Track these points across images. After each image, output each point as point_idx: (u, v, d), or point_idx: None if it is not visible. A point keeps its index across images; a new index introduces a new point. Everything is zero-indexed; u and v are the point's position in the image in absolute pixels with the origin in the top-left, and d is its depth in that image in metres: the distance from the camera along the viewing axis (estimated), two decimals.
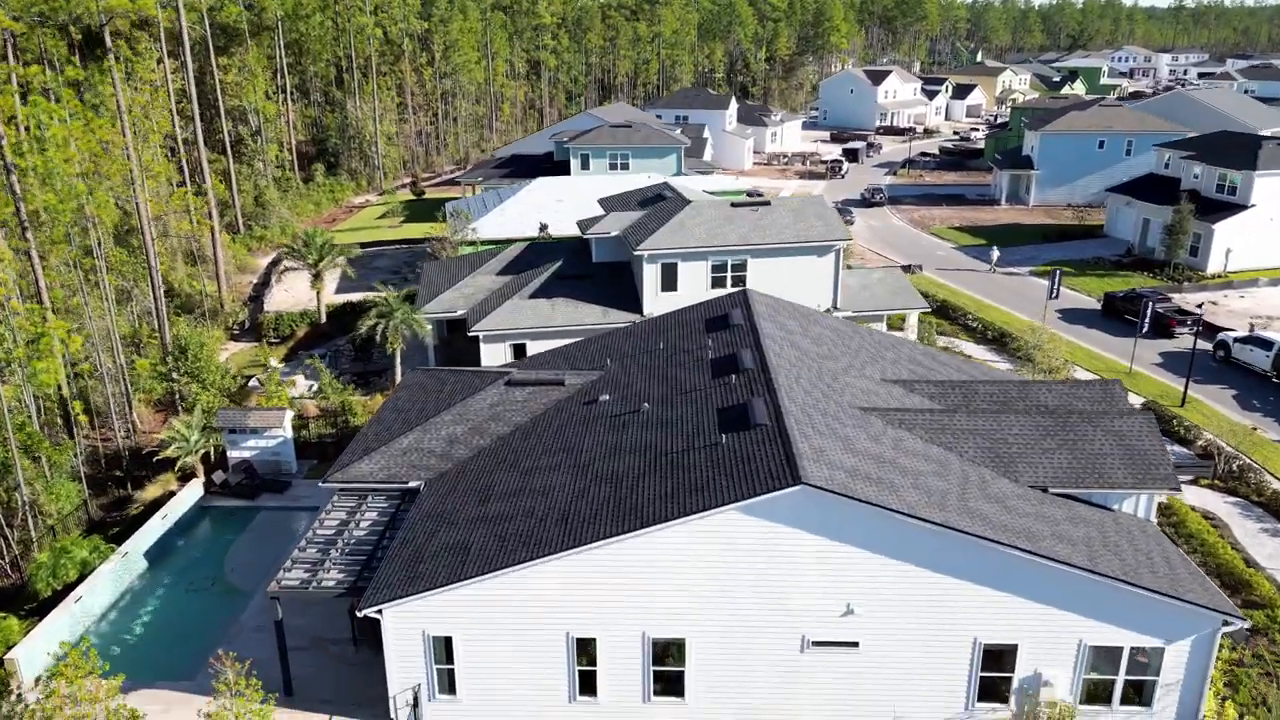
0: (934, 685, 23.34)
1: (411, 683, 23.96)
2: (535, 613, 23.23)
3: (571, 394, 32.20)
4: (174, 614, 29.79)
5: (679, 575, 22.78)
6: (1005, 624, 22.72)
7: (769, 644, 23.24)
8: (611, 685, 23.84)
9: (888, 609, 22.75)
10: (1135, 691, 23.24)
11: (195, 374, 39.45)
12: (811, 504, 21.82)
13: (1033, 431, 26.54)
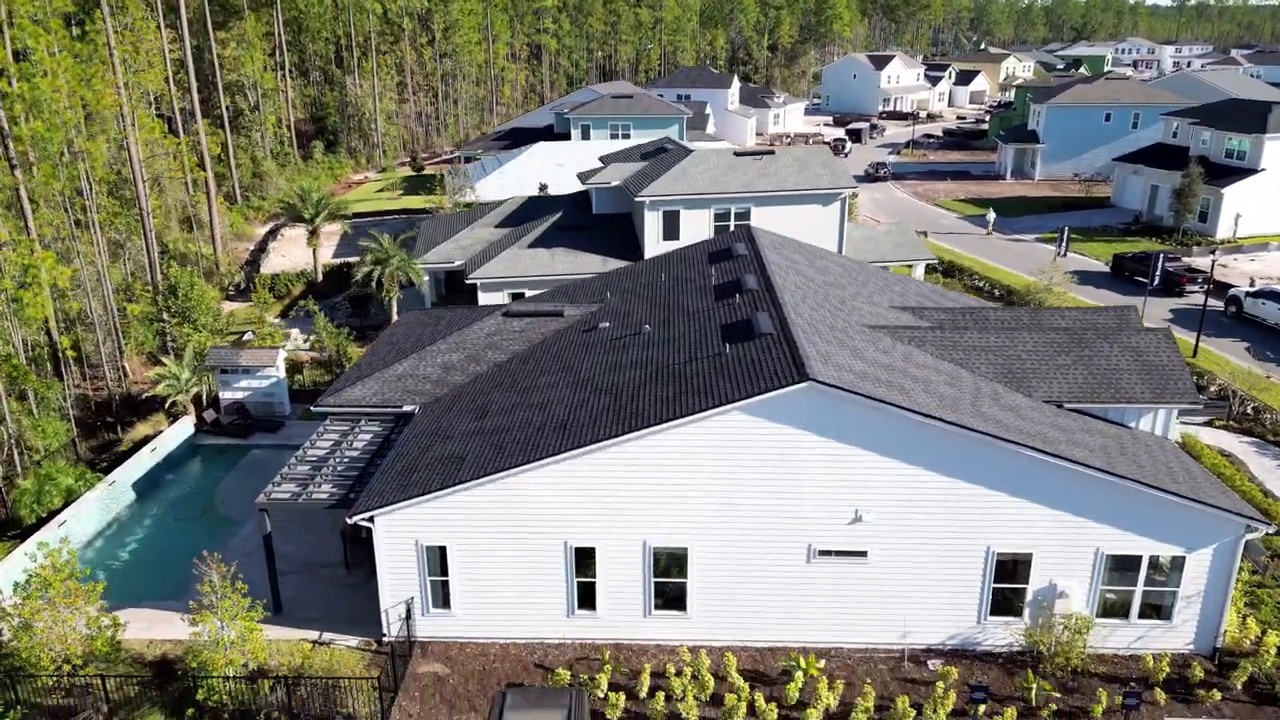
0: (945, 598, 22.49)
1: (404, 596, 23.14)
2: (532, 521, 22.41)
3: (570, 324, 31.38)
4: (161, 542, 28.95)
5: (681, 481, 21.95)
6: (1019, 532, 21.87)
7: (774, 554, 22.40)
8: (611, 598, 23.01)
9: (897, 516, 21.91)
10: (1154, 605, 22.42)
11: (185, 314, 38.59)
12: (818, 403, 20.99)
13: (1047, 348, 25.69)
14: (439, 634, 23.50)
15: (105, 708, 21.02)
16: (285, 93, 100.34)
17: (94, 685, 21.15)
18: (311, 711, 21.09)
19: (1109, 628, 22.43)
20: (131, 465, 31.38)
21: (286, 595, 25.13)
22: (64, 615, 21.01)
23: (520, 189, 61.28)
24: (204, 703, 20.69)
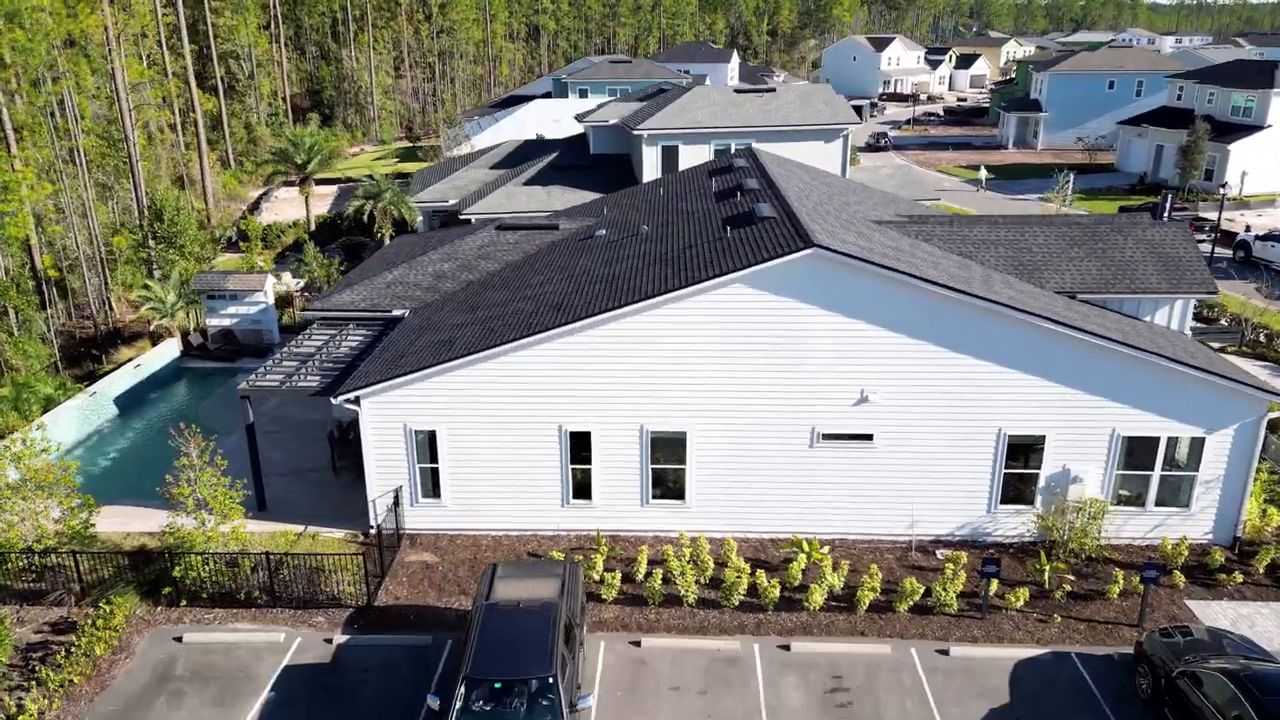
0: (954, 485, 21.60)
1: (392, 485, 22.24)
2: (525, 404, 21.51)
3: (566, 236, 30.52)
4: (144, 450, 28.01)
5: (680, 361, 21.06)
6: (1032, 413, 20.98)
7: (776, 438, 21.51)
8: (607, 487, 22.11)
9: (904, 397, 21.02)
10: (1172, 492, 21.55)
11: (171, 240, 37.62)
12: (824, 273, 20.11)
13: (1058, 241, 24.83)
14: (428, 526, 22.60)
15: (77, 588, 20.11)
16: (281, 64, 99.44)
17: (65, 566, 20.25)
18: (294, 594, 20.20)
19: (1124, 516, 21.55)
20: (114, 379, 30.49)
21: (271, 495, 24.24)
22: (34, 492, 20.10)
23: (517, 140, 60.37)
24: (181, 580, 19.80)
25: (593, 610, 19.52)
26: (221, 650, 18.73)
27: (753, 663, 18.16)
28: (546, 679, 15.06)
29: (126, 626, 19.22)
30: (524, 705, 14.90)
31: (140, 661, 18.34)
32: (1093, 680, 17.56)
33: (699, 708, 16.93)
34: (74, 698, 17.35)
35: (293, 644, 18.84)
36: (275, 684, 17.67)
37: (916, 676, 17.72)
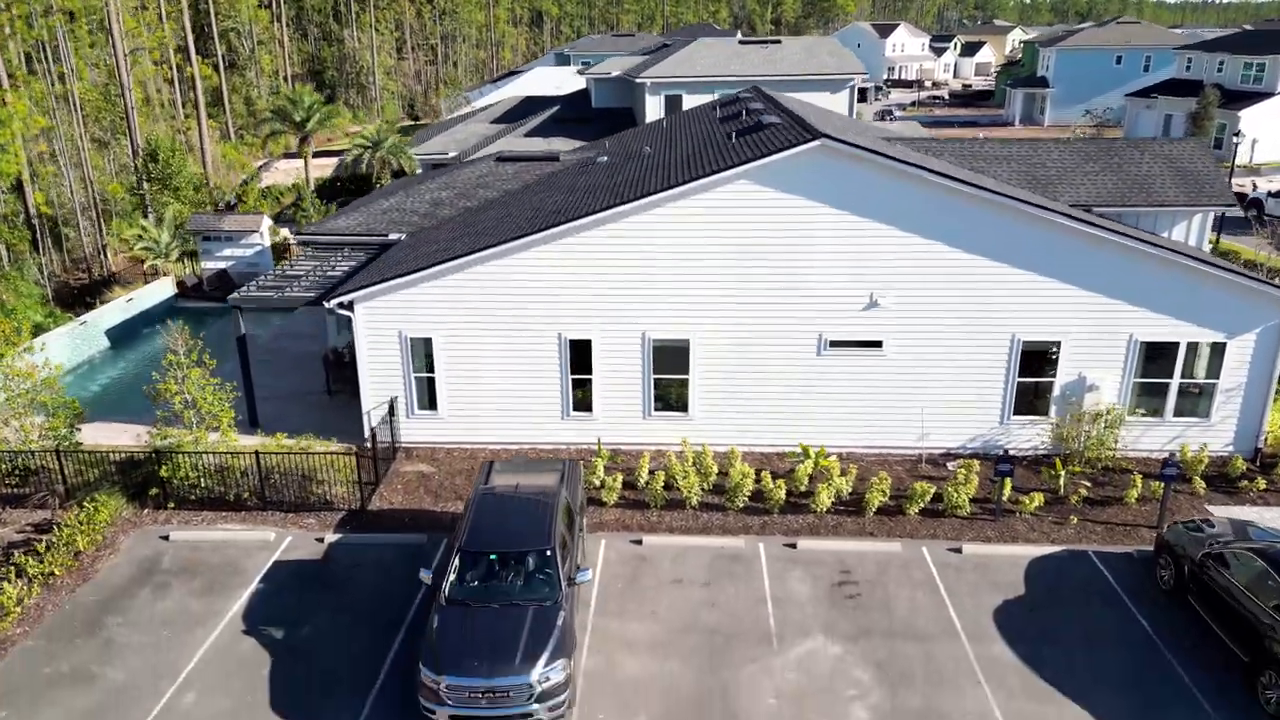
0: (965, 394, 20.94)
1: (387, 396, 21.64)
2: (523, 310, 20.88)
3: (567, 166, 29.92)
4: (135, 379, 27.40)
5: (683, 264, 20.40)
6: (1047, 318, 20.31)
7: (782, 346, 20.86)
8: (608, 398, 21.48)
9: (914, 301, 20.36)
10: (1191, 401, 20.90)
11: (166, 180, 37.01)
12: (832, 168, 19.45)
13: (1073, 156, 24.23)
14: (425, 439, 21.98)
15: (61, 489, 19.52)
16: (283, 43, 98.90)
17: (49, 469, 19.66)
18: (286, 498, 19.59)
19: (1142, 427, 20.89)
20: (105, 311, 29.93)
21: (265, 414, 23.64)
22: (18, 389, 19.51)
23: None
24: (169, 481, 19.21)
25: (593, 514, 18.91)
26: (209, 547, 18.13)
27: (757, 559, 17.53)
28: (544, 552, 14.43)
29: (111, 526, 18.62)
30: (520, 579, 14.27)
31: (125, 558, 17.74)
32: (1111, 575, 16.91)
33: (701, 597, 16.30)
34: (54, 589, 16.74)
35: (283, 542, 18.24)
36: (264, 577, 17.06)
37: (928, 572, 17.08)
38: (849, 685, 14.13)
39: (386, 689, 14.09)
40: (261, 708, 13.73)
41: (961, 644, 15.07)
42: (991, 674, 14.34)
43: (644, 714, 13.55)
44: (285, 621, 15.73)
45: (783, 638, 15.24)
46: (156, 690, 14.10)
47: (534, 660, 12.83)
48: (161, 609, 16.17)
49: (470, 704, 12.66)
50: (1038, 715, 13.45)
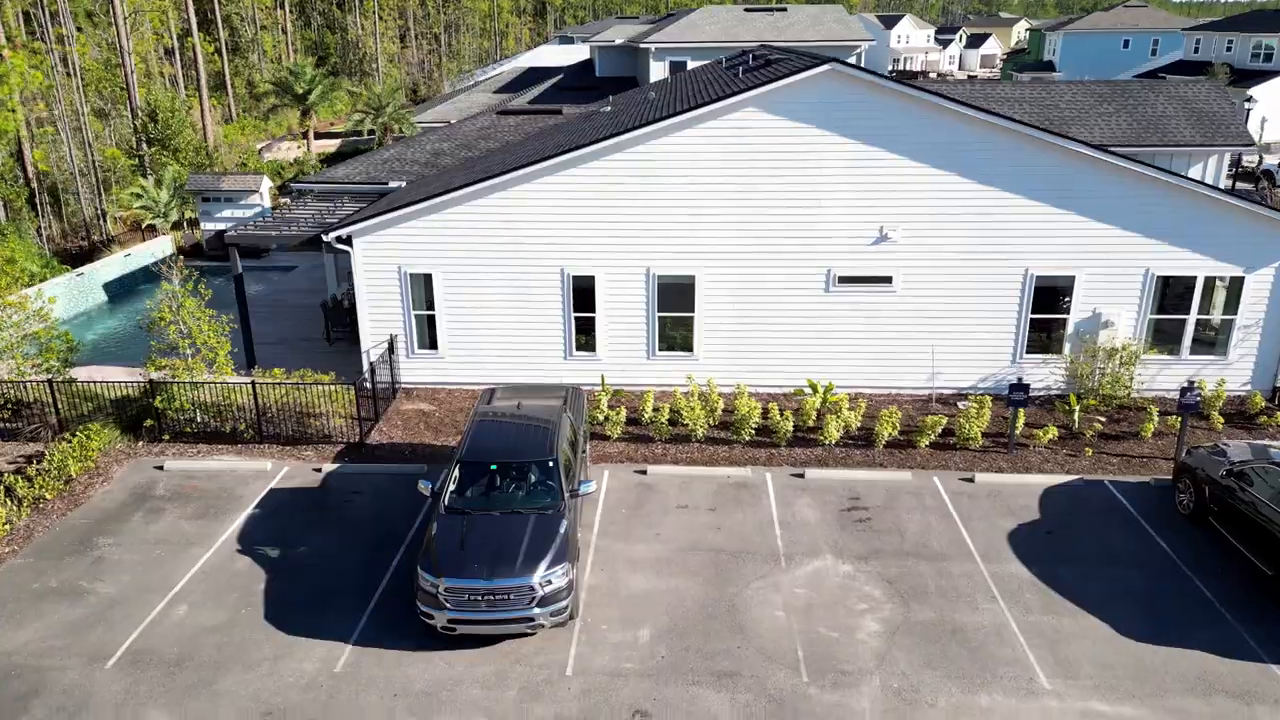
0: (977, 332, 20.49)
1: (386, 335, 21.23)
2: (526, 245, 20.47)
3: (570, 119, 29.52)
4: (130, 332, 27.04)
5: (689, 197, 19.97)
6: (1062, 251, 19.86)
7: (790, 281, 20.42)
8: (612, 337, 21.06)
9: (927, 234, 19.92)
10: (1208, 338, 20.44)
11: (165, 141, 36.62)
12: (843, 94, 19.00)
13: (1087, 98, 23.75)
14: (425, 379, 21.59)
15: (54, 420, 19.14)
16: (285, 29, 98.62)
17: (42, 401, 19.29)
18: (283, 432, 19.19)
19: (1158, 365, 20.43)
20: (102, 264, 29.55)
21: (262, 358, 23.24)
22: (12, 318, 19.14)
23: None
24: (164, 412, 18.82)
25: (596, 447, 18.49)
26: (205, 475, 17.73)
27: (764, 487, 17.10)
28: (546, 463, 14.01)
29: (105, 456, 18.24)
30: (521, 489, 13.86)
31: (118, 485, 17.35)
32: (1127, 501, 16.46)
33: (707, 521, 15.87)
34: (45, 512, 16.35)
35: (280, 471, 17.83)
36: (260, 503, 16.66)
37: (940, 499, 16.64)
38: (860, 600, 13.70)
39: (385, 602, 13.68)
40: (256, 620, 13.33)
41: (975, 563, 14.65)
42: (1007, 590, 13.91)
43: (648, 626, 13.13)
44: (281, 542, 15.33)
45: (791, 557, 14.82)
46: (148, 604, 13.71)
47: (535, 564, 12.41)
48: (154, 530, 15.78)
49: (470, 607, 12.24)
50: (1056, 628, 13.01)
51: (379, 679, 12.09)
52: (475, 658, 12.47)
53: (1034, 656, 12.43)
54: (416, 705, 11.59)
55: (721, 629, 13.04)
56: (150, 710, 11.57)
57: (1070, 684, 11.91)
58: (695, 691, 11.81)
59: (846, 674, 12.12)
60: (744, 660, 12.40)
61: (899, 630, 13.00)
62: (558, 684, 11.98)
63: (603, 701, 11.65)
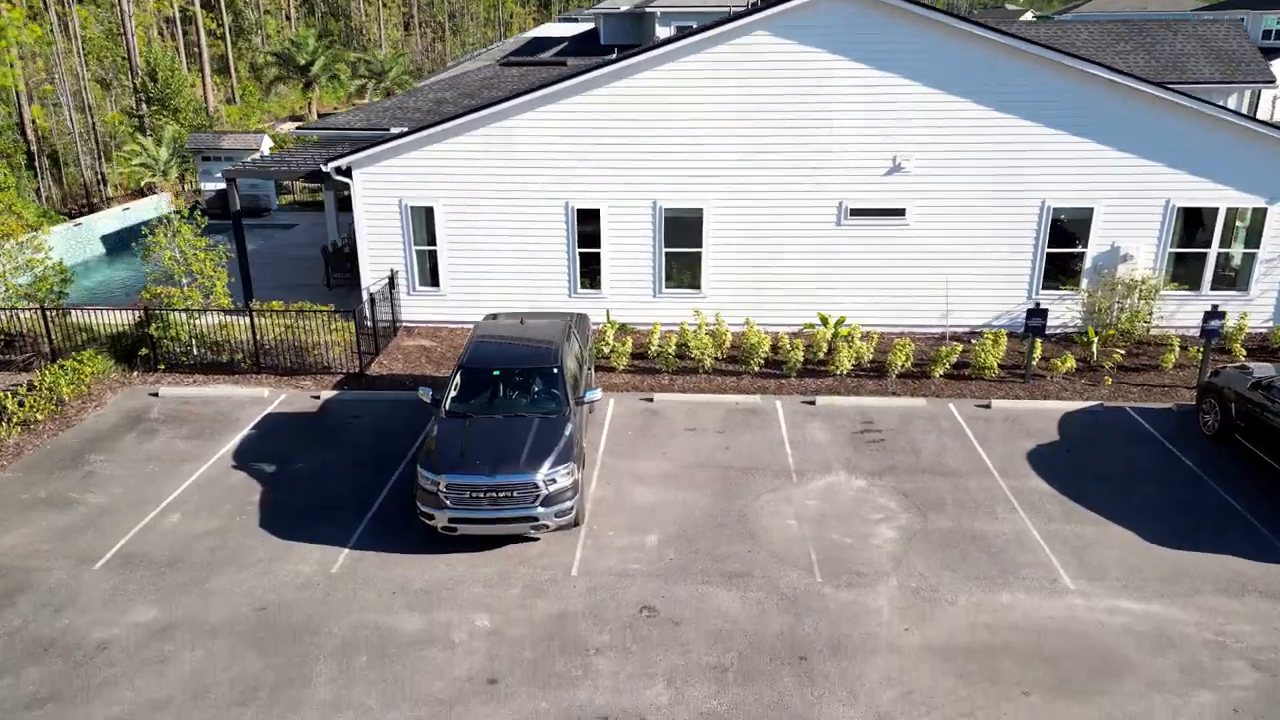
0: (992, 267, 20.00)
1: (386, 272, 20.79)
2: (529, 176, 20.01)
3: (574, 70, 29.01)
4: (128, 279, 26.69)
5: (696, 125, 19.49)
6: (1080, 182, 19.36)
7: (801, 215, 19.95)
8: (617, 274, 20.60)
9: (941, 165, 19.43)
10: (1228, 274, 19.94)
11: (165, 101, 36.18)
12: (855, 16, 18.49)
13: (1103, 36, 23.25)
14: (426, 317, 21.15)
15: (47, 349, 18.72)
16: (289, 14, 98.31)
17: (36, 331, 18.88)
18: (281, 363, 18.75)
19: (1177, 301, 19.93)
20: (100, 216, 29.15)
21: (260, 296, 22.83)
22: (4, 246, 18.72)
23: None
24: (159, 341, 18.39)
25: (601, 378, 18.02)
26: (200, 401, 17.30)
27: (774, 412, 16.63)
28: (550, 369, 13.55)
29: (98, 384, 17.81)
30: (525, 397, 13.41)
31: (111, 410, 16.92)
32: (1150, 425, 15.97)
33: (715, 442, 15.40)
34: (35, 432, 15.93)
35: (277, 399, 17.39)
36: (256, 425, 16.21)
37: (955, 423, 16.16)
38: (874, 510, 13.23)
39: (384, 511, 13.23)
40: (251, 526, 12.88)
41: (994, 479, 14.16)
42: (1027, 502, 13.42)
43: (656, 532, 12.67)
44: (278, 459, 14.88)
45: (802, 473, 14.35)
46: (139, 513, 13.27)
47: (540, 461, 11.94)
48: (147, 448, 15.35)
49: (471, 505, 11.77)
50: (1079, 535, 12.53)
51: (377, 578, 11.64)
52: (477, 560, 12.02)
53: (1057, 560, 11.96)
54: (415, 602, 11.14)
55: (731, 535, 12.58)
56: (138, 605, 11.13)
57: (1096, 584, 11.43)
58: (705, 590, 11.35)
59: (862, 575, 11.65)
60: (755, 563, 11.93)
61: (915, 537, 12.53)
62: (563, 583, 11.53)
63: (609, 599, 11.20)
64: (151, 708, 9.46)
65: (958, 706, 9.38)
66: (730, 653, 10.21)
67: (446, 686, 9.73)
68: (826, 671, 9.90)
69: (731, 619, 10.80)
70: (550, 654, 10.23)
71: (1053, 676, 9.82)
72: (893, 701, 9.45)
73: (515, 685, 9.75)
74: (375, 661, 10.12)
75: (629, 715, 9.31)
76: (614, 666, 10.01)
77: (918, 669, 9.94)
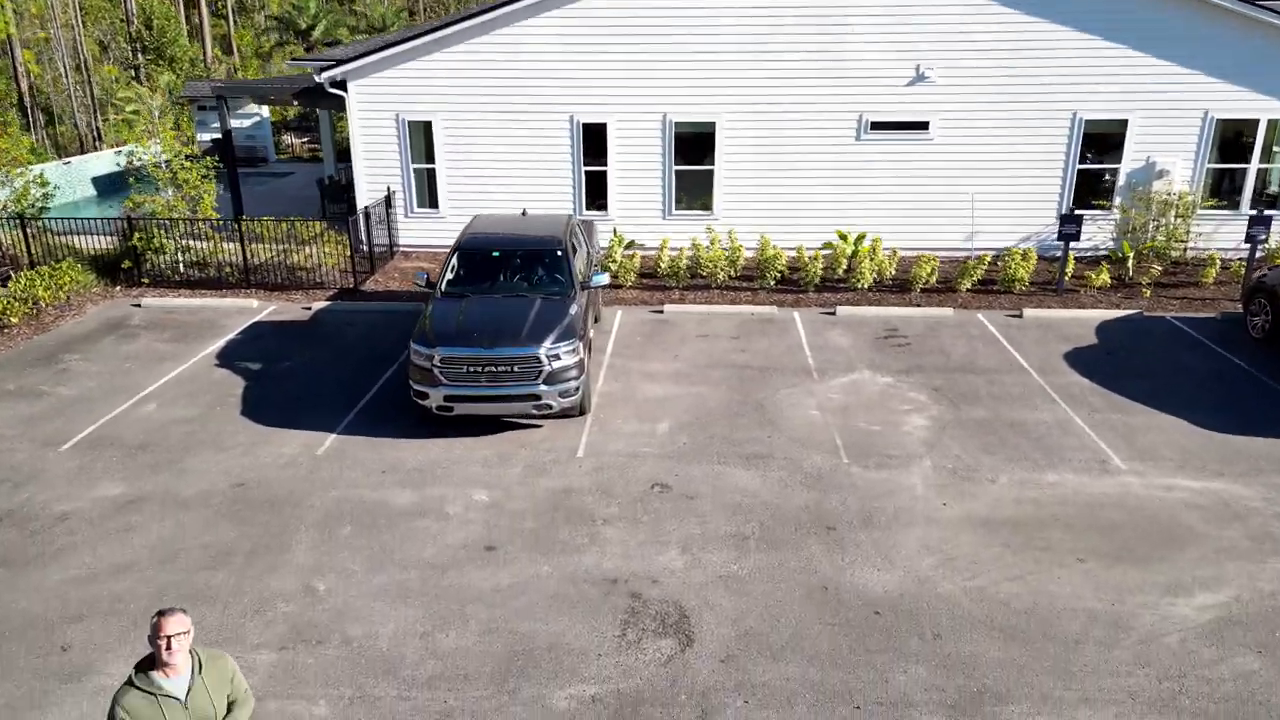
0: (1020, 185, 19.02)
1: (380, 192, 19.88)
2: (532, 89, 19.06)
3: None
4: None
5: (709, 34, 18.50)
6: (1113, 92, 18.36)
7: (818, 129, 18.98)
8: (625, 193, 19.65)
9: (966, 74, 18.44)
10: (1270, 191, 18.93)
11: (160, 50, 35.31)
12: None
13: None
14: (424, 242, 20.21)
15: (27, 261, 17.84)
16: None
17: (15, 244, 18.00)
18: (273, 281, 17.85)
19: (1215, 222, 18.93)
20: (93, 158, 28.30)
21: None
22: None
23: None
24: (142, 254, 17.51)
25: (608, 295, 17.06)
26: (185, 311, 16.41)
27: (792, 322, 15.68)
28: (554, 251, 12.62)
29: (78, 296, 16.93)
30: (527, 279, 12.47)
31: (91, 318, 16.03)
32: (1195, 331, 14.99)
33: (730, 346, 14.46)
34: (8, 335, 15.05)
35: (266, 309, 16.49)
36: (244, 331, 15.31)
37: (986, 329, 15.19)
38: (903, 403, 12.28)
39: (376, 402, 12.32)
40: (232, 415, 11.97)
41: (1030, 375, 13.20)
42: (1068, 395, 12.45)
43: (668, 420, 11.73)
44: (265, 359, 13.97)
45: (823, 371, 13.40)
46: (111, 403, 12.37)
47: (542, 336, 11.00)
48: (126, 349, 14.45)
49: (469, 381, 10.84)
50: (1126, 423, 11.56)
51: (366, 459, 10.72)
52: (476, 444, 11.09)
53: (1105, 444, 10.98)
54: (407, 479, 10.22)
55: (749, 424, 11.63)
56: (105, 482, 10.23)
57: (1150, 465, 10.46)
58: (721, 469, 10.41)
59: (893, 457, 10.70)
60: (775, 446, 10.99)
61: (949, 425, 11.57)
62: (567, 464, 10.60)
63: (618, 476, 10.27)
64: (114, 571, 8.56)
65: (1005, 571, 8.43)
66: (750, 523, 9.28)
67: (439, 553, 8.81)
68: (858, 540, 8.96)
69: (751, 494, 9.87)
70: (554, 524, 9.31)
71: (1110, 545, 8.87)
72: (933, 567, 8.51)
73: (515, 552, 8.83)
74: (361, 531, 9.20)
75: (640, 578, 8.38)
76: (623, 535, 9.08)
77: (958, 539, 8.99)
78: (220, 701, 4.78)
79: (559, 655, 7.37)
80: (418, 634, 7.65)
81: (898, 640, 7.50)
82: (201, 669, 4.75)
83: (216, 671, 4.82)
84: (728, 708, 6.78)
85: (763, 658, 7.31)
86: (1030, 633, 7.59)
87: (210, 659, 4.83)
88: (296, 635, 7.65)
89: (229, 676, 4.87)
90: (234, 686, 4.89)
